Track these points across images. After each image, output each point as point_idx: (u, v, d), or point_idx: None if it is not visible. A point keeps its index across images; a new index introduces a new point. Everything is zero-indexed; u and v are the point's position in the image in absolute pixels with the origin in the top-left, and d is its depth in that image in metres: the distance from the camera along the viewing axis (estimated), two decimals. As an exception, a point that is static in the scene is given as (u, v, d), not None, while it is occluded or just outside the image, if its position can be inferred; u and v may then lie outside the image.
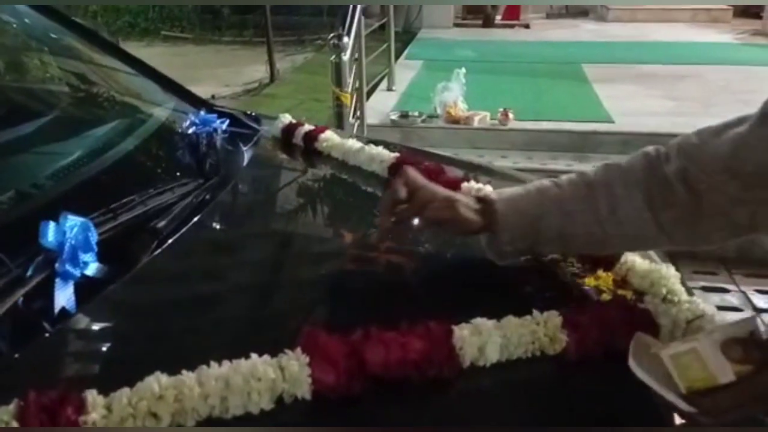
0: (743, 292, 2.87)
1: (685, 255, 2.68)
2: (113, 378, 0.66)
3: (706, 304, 0.89)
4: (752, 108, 0.82)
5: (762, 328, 0.63)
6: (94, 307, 0.85)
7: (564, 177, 0.91)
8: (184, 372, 0.66)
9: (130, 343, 0.81)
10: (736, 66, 6.13)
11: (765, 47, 7.32)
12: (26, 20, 1.50)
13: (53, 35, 1.54)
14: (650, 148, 0.89)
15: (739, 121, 0.82)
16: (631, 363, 0.68)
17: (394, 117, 4.56)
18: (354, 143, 1.36)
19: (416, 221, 0.94)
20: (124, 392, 0.63)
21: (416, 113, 4.54)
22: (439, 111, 4.51)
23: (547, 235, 0.88)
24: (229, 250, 1.10)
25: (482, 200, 0.92)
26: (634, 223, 0.85)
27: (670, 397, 0.64)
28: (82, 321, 0.82)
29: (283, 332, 0.82)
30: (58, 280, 0.84)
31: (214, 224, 1.12)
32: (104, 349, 0.81)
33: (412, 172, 0.93)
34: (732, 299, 2.82)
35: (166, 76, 1.55)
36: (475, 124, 4.39)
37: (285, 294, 0.96)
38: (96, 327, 0.85)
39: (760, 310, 2.72)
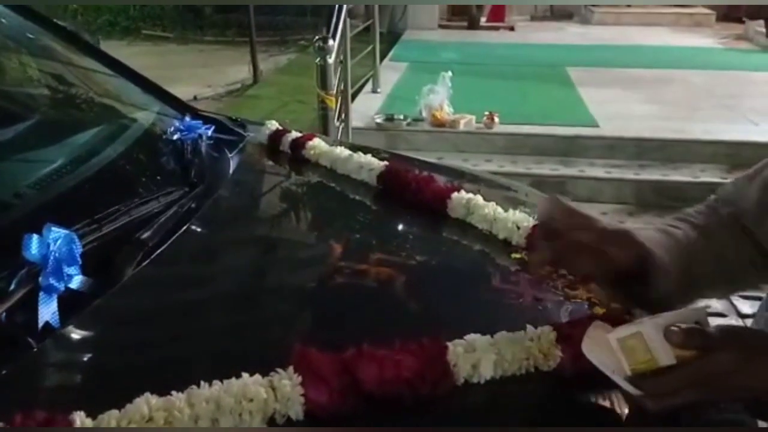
0: (728, 299, 2.88)
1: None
2: (101, 397, 0.64)
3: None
4: (738, 112, 0.84)
5: (708, 320, 0.65)
6: (79, 322, 0.83)
7: (675, 222, 0.85)
8: (173, 393, 0.64)
9: (117, 359, 0.79)
10: (720, 71, 6.20)
11: (748, 52, 7.41)
12: (3, 20, 1.46)
13: (31, 36, 1.51)
14: (701, 205, 0.90)
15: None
16: (584, 346, 0.71)
17: (379, 120, 4.55)
18: (342, 151, 1.35)
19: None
20: (113, 414, 0.61)
21: (401, 116, 4.53)
22: (424, 114, 4.51)
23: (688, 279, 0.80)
24: (217, 261, 1.08)
25: (634, 246, 0.77)
26: (744, 261, 0.84)
27: (617, 379, 0.66)
28: (67, 336, 0.80)
29: (271, 347, 0.81)
30: (41, 294, 0.82)
31: (200, 234, 1.10)
32: (90, 365, 0.79)
33: (560, 200, 0.79)
34: (717, 305, 2.83)
35: (150, 81, 1.52)
36: (461, 127, 4.39)
37: (273, 307, 0.95)
38: (81, 342, 0.83)
39: (744, 316, 2.74)
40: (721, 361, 0.62)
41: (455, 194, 1.16)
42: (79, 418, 0.60)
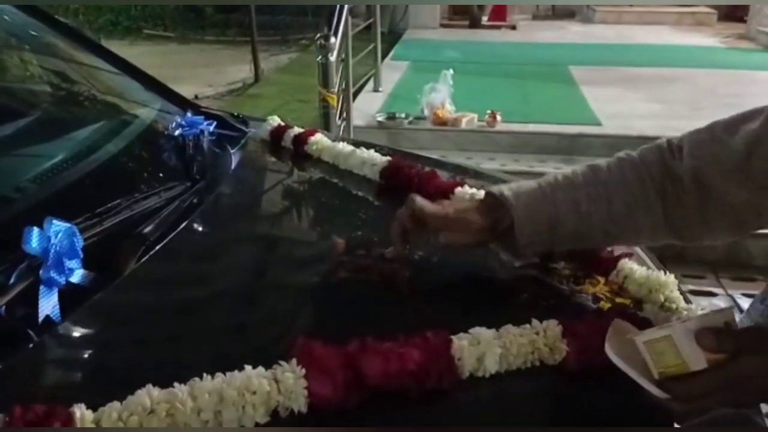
0: (730, 296, 2.88)
1: (673, 259, 2.69)
2: (101, 390, 0.64)
3: (704, 311, 0.88)
4: (740, 110, 0.82)
5: (737, 320, 0.64)
6: (80, 315, 0.82)
7: (578, 171, 0.89)
8: (176, 385, 0.63)
9: (118, 353, 0.79)
10: (722, 69, 6.19)
11: (750, 51, 7.39)
12: (5, 17, 1.46)
13: (34, 33, 1.51)
14: (663, 141, 0.88)
15: (751, 114, 0.81)
16: (608, 349, 0.69)
17: (380, 118, 4.54)
18: (345, 147, 1.34)
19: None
20: (114, 407, 0.60)
21: (403, 115, 4.52)
22: (426, 112, 4.50)
23: (563, 235, 0.87)
24: (219, 256, 1.07)
25: (495, 204, 0.88)
26: (647, 220, 0.85)
27: (643, 382, 0.65)
28: (67, 330, 0.80)
29: (275, 341, 0.81)
30: (42, 287, 0.81)
31: (202, 229, 1.10)
32: (91, 359, 0.78)
33: (418, 200, 0.91)
34: (719, 303, 2.83)
35: (151, 77, 1.52)
36: (463, 125, 4.38)
37: (276, 302, 0.94)
38: (82, 336, 0.82)
39: (743, 311, 2.74)
40: (752, 364, 0.61)
41: (458, 189, 1.15)
42: (80, 411, 0.59)
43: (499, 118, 4.39)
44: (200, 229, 1.09)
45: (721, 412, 0.66)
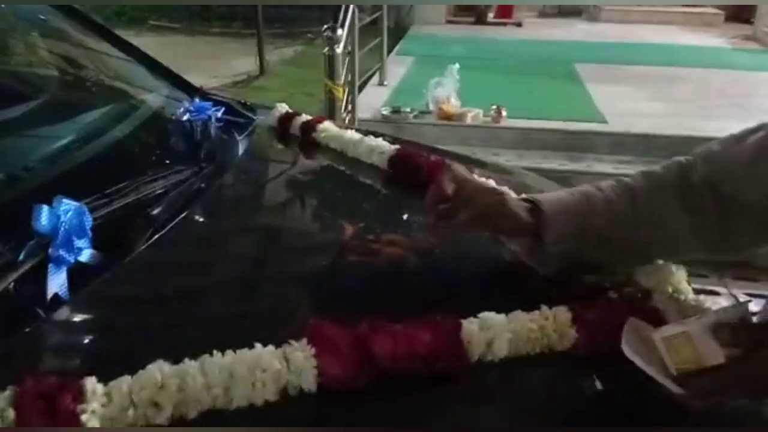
0: (734, 296, 2.87)
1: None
2: (111, 367, 0.63)
3: (713, 302, 0.88)
4: (745, 111, 0.82)
5: (752, 315, 0.65)
6: (90, 293, 0.82)
7: (605, 183, 0.90)
8: (186, 361, 0.63)
9: (127, 332, 0.78)
10: (729, 70, 6.17)
11: (756, 52, 7.38)
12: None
13: (44, 17, 1.51)
14: (681, 158, 0.89)
15: (759, 127, 0.83)
16: (624, 346, 0.69)
17: (385, 112, 4.54)
18: (353, 134, 1.34)
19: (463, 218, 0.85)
20: (125, 380, 0.60)
21: (408, 109, 4.52)
22: (431, 107, 4.50)
23: (591, 237, 0.85)
24: (228, 239, 1.07)
25: (530, 199, 0.89)
26: (673, 230, 0.85)
27: (661, 378, 0.65)
28: (76, 308, 0.80)
29: (284, 325, 0.80)
30: (51, 265, 0.81)
31: (209, 213, 1.10)
32: (100, 337, 0.78)
33: (457, 167, 0.88)
34: (723, 302, 2.81)
35: (160, 63, 1.52)
36: (468, 121, 4.38)
37: (284, 286, 0.93)
38: (89, 315, 0.82)
39: (751, 314, 2.73)
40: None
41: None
42: (90, 384, 0.59)
43: (504, 113, 4.39)
44: (207, 213, 1.09)
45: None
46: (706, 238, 0.85)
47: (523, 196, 0.90)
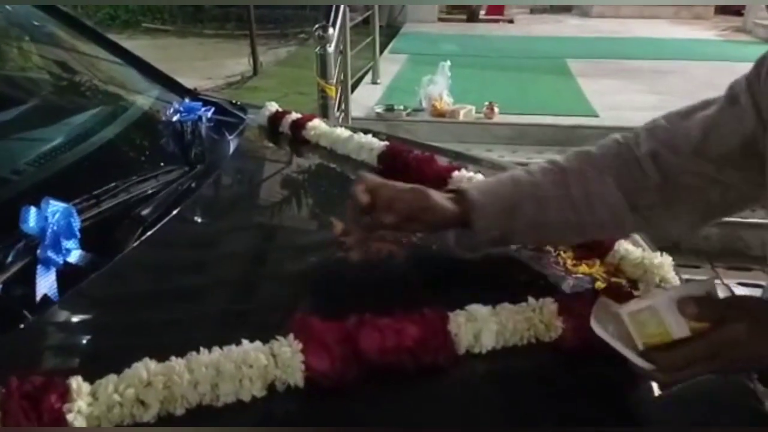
0: (726, 285, 2.88)
1: (668, 248, 2.68)
2: (98, 366, 0.64)
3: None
4: None
5: (717, 291, 0.64)
6: (78, 293, 0.82)
7: (536, 165, 0.89)
8: (173, 358, 0.63)
9: (115, 332, 0.79)
10: (719, 62, 6.17)
11: (746, 44, 7.38)
12: (7, 6, 1.46)
13: (35, 22, 1.51)
14: (619, 135, 0.89)
15: (706, 104, 0.84)
16: (593, 323, 0.69)
17: (379, 110, 4.54)
18: (343, 132, 1.34)
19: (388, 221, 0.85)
20: (111, 379, 0.60)
21: (401, 107, 4.51)
22: (424, 104, 4.50)
23: (522, 222, 0.85)
24: (216, 240, 1.07)
25: (454, 190, 0.88)
26: (607, 208, 0.84)
27: (628, 354, 0.65)
28: (64, 309, 0.80)
29: (273, 322, 0.80)
30: (39, 266, 0.81)
31: (199, 213, 1.10)
32: (88, 338, 0.79)
33: (368, 175, 0.88)
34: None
35: (149, 64, 1.52)
36: (461, 117, 4.38)
37: (273, 285, 0.94)
38: (79, 315, 0.82)
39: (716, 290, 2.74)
40: (735, 331, 0.61)
41: (456, 173, 1.15)
42: (76, 382, 0.59)
43: (496, 110, 4.39)
44: (197, 213, 1.09)
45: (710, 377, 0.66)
46: (646, 216, 0.84)
47: (448, 187, 0.89)
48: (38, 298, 0.79)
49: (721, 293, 0.65)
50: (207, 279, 0.94)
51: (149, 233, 0.95)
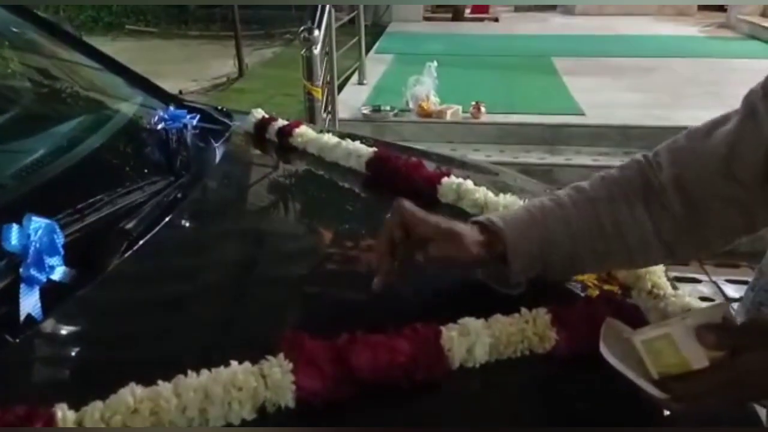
0: (714, 282, 2.89)
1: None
2: (84, 390, 0.62)
3: (691, 297, 0.88)
4: (721, 99, 0.80)
5: (734, 314, 0.62)
6: (62, 313, 0.80)
7: (563, 194, 0.86)
8: (159, 382, 0.62)
9: (101, 352, 0.77)
10: (703, 58, 6.22)
11: (730, 40, 7.44)
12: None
13: (15, 29, 1.48)
14: (640, 156, 0.86)
15: (725, 119, 0.80)
16: (603, 349, 0.67)
17: (365, 111, 4.53)
18: (330, 138, 1.33)
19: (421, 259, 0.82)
20: (97, 406, 0.59)
21: (388, 107, 4.51)
22: (411, 105, 4.50)
23: (556, 259, 0.82)
24: (203, 251, 1.05)
25: (486, 229, 0.83)
26: (637, 236, 0.81)
27: (642, 383, 0.63)
28: (49, 328, 0.78)
29: (261, 337, 0.79)
30: (22, 285, 0.79)
31: (185, 224, 1.08)
32: (73, 358, 0.77)
33: (407, 206, 0.83)
34: (703, 289, 2.84)
35: (132, 71, 1.49)
36: (448, 117, 4.38)
37: (263, 296, 0.92)
38: (64, 335, 0.80)
39: (731, 300, 2.75)
40: (754, 360, 0.59)
41: (445, 179, 1.14)
42: (61, 411, 0.58)
43: (483, 109, 4.39)
44: (183, 223, 1.08)
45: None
46: (673, 243, 0.82)
47: (478, 219, 0.85)
48: (22, 317, 0.77)
49: (708, 290, 0.64)
50: (194, 292, 0.92)
51: (135, 247, 0.93)
